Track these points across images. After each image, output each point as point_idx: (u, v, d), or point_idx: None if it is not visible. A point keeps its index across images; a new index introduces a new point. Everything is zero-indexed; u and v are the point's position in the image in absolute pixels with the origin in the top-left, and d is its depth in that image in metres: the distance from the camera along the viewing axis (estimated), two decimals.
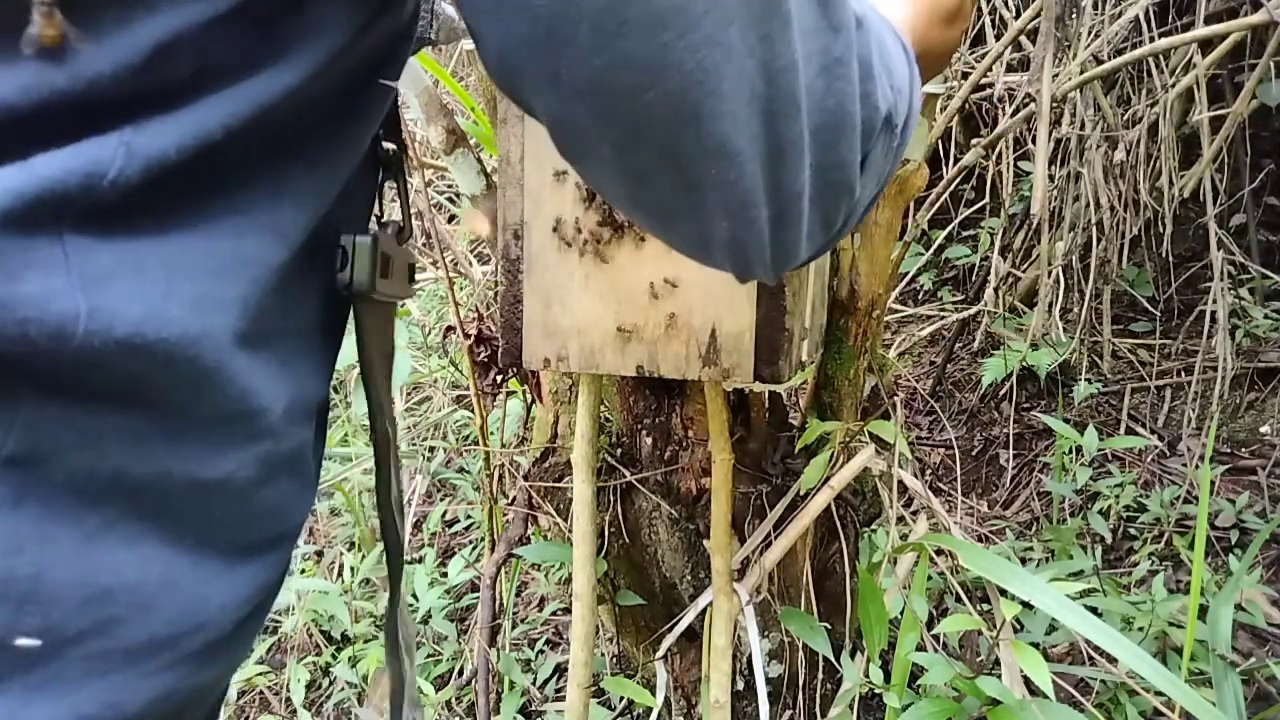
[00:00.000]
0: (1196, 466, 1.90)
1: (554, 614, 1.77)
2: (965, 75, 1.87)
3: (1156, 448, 2.01)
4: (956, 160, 2.38)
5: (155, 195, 0.30)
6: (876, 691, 1.02)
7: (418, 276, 0.50)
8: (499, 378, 1.17)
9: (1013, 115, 1.64)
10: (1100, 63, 1.64)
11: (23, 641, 0.28)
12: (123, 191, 0.29)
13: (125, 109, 0.29)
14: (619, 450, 1.12)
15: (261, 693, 1.79)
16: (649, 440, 1.08)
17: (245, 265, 0.34)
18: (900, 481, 1.08)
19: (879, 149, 0.41)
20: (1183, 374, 2.17)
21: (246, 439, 0.35)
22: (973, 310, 2.44)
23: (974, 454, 2.23)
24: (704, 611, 1.05)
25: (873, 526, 1.26)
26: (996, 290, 2.38)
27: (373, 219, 0.47)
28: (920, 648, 1.01)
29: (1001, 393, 2.28)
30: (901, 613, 1.05)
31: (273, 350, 0.36)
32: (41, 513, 0.28)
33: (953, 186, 1.50)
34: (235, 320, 0.33)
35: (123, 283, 0.29)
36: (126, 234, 0.30)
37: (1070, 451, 1.97)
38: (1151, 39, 1.98)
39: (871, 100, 0.39)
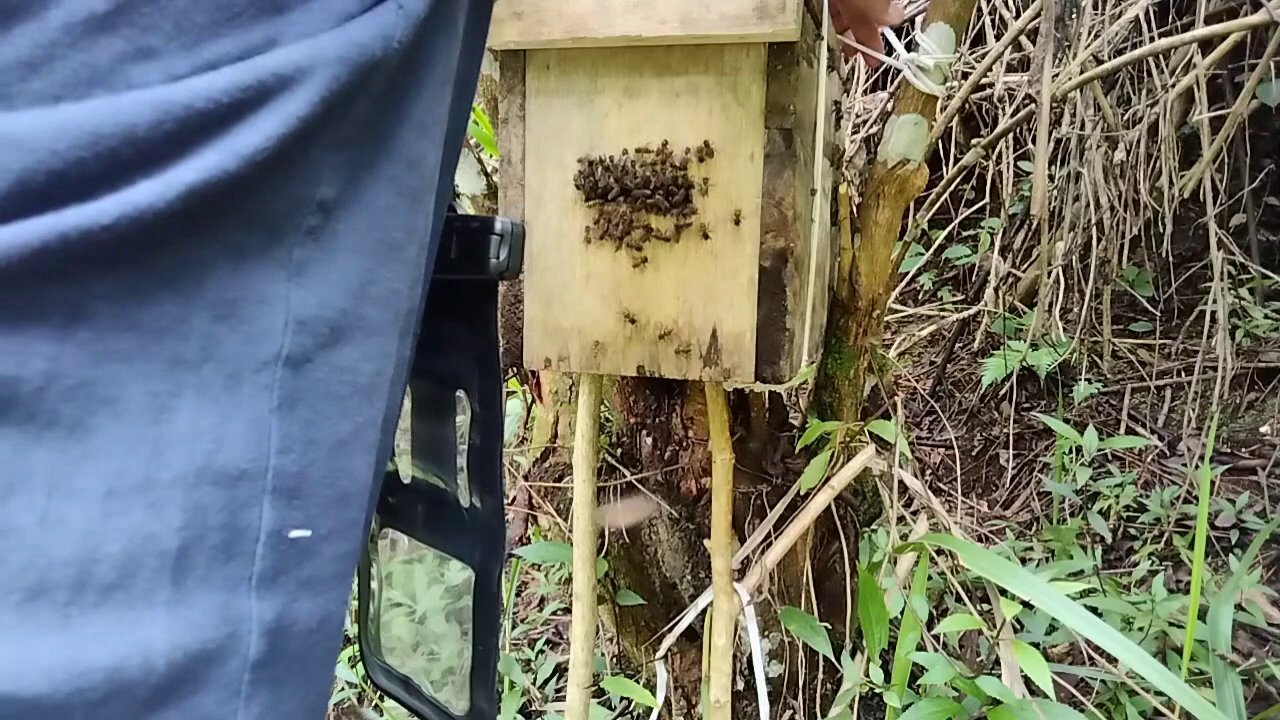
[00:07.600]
0: (1196, 466, 1.90)
1: (554, 614, 1.77)
2: (965, 75, 1.87)
3: (1156, 448, 2.01)
4: (956, 160, 2.38)
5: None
6: (877, 691, 1.02)
7: None
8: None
9: (1013, 115, 1.64)
10: (1100, 63, 1.64)
11: (296, 533, 0.28)
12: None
13: None
14: (619, 450, 1.12)
15: None
16: (649, 440, 1.08)
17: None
18: (900, 481, 1.08)
19: None
20: (1183, 374, 2.17)
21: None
22: (973, 310, 2.44)
23: (974, 454, 2.23)
24: (704, 611, 1.05)
25: (873, 526, 1.26)
26: (996, 290, 2.38)
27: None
28: (920, 647, 1.01)
29: (1001, 393, 2.28)
30: (901, 613, 1.05)
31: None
32: (309, 415, 0.29)
33: (953, 186, 1.50)
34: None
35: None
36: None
37: (1070, 451, 1.97)
38: (1151, 39, 1.98)
39: None
